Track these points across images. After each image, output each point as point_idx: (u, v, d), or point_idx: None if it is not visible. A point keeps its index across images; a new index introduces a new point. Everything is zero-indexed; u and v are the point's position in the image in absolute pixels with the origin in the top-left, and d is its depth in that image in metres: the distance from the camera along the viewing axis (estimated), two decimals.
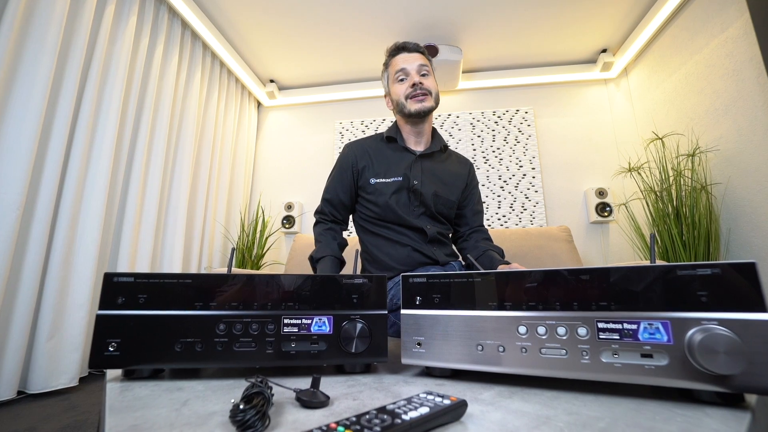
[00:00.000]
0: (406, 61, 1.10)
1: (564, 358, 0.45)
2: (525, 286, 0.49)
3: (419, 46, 1.13)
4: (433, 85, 1.11)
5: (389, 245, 1.08)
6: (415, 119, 1.10)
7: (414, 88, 1.07)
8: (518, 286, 0.49)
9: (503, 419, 0.37)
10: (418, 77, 1.08)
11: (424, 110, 1.07)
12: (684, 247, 1.97)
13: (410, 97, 1.08)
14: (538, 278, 0.48)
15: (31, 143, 1.41)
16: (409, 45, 1.12)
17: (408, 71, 1.09)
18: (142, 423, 0.36)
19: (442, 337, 0.52)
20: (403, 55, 1.11)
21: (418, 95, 1.07)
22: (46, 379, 1.42)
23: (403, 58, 1.11)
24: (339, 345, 0.53)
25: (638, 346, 0.42)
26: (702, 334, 0.38)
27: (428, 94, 1.08)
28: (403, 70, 1.09)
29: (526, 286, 0.49)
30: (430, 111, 1.09)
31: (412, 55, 1.10)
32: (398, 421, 0.31)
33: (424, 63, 1.10)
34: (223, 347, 0.51)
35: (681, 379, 0.39)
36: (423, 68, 1.10)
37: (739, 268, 0.39)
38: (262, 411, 0.34)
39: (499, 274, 0.51)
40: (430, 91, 1.08)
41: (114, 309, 0.51)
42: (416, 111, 1.07)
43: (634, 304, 0.43)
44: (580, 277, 0.46)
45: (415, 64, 1.09)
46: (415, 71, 1.09)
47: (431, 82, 1.10)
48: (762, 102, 1.75)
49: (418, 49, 1.12)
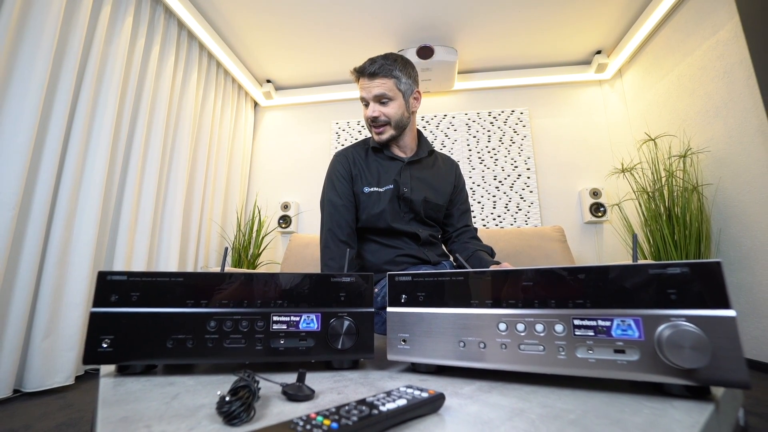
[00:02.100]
0: (364, 88, 1.06)
1: (542, 353, 0.47)
2: (505, 285, 0.51)
3: (381, 68, 1.04)
4: (393, 111, 1.06)
5: (382, 249, 1.09)
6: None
7: (372, 120, 1.07)
8: (498, 285, 0.51)
9: (479, 412, 0.38)
10: (375, 108, 1.05)
11: (382, 141, 1.09)
12: (675, 246, 2.00)
13: (371, 127, 1.09)
14: (518, 277, 0.50)
15: (27, 142, 1.42)
16: (367, 70, 1.04)
17: (366, 99, 1.07)
18: (132, 415, 0.37)
19: (427, 334, 0.54)
20: (362, 80, 1.06)
21: (375, 127, 1.08)
22: (41, 377, 1.43)
23: (362, 84, 1.07)
24: (327, 342, 0.54)
25: (611, 342, 0.43)
26: (670, 330, 0.40)
27: (386, 124, 1.07)
28: (363, 98, 1.08)
29: (506, 285, 0.51)
30: (390, 140, 1.10)
31: (372, 83, 1.04)
32: (375, 412, 0.32)
33: (384, 90, 1.04)
34: (214, 344, 0.53)
35: (651, 374, 0.41)
36: (382, 96, 1.04)
37: (706, 268, 0.41)
38: (247, 403, 0.35)
39: (481, 274, 0.53)
40: (388, 121, 1.06)
41: (107, 306, 0.52)
42: (377, 141, 1.10)
43: (608, 301, 0.45)
44: (558, 277, 0.48)
45: (371, 94, 1.04)
46: (372, 100, 1.06)
47: (391, 109, 1.05)
48: (752, 104, 1.78)
49: (378, 73, 1.04)
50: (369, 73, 1.04)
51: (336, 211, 1.06)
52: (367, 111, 1.06)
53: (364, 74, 1.05)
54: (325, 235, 1.06)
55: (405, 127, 1.10)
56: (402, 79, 1.06)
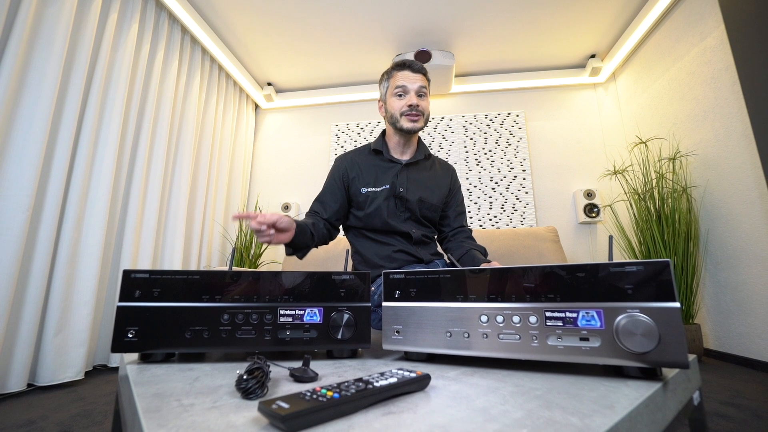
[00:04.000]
0: (408, 79, 1.16)
1: (518, 342, 0.53)
2: (487, 282, 0.57)
3: (423, 68, 1.19)
4: (427, 106, 1.19)
5: (378, 246, 1.17)
6: (405, 134, 1.19)
7: (410, 108, 1.15)
8: (481, 281, 0.57)
9: (460, 390, 0.44)
10: (416, 99, 1.15)
11: (415, 130, 1.17)
12: (665, 246, 2.06)
13: (405, 115, 1.16)
14: (498, 275, 0.56)
15: (38, 147, 1.48)
16: (415, 65, 1.17)
17: (408, 89, 1.16)
18: (163, 392, 0.43)
19: (418, 326, 0.60)
20: (406, 72, 1.17)
21: (412, 115, 1.15)
22: (53, 372, 1.49)
23: (405, 76, 1.16)
24: (328, 333, 0.61)
25: (577, 331, 0.50)
26: (626, 320, 0.46)
27: (421, 115, 1.16)
28: (403, 87, 1.16)
29: (488, 281, 0.57)
30: (419, 130, 1.19)
31: (416, 76, 1.16)
32: (370, 387, 0.38)
33: (424, 85, 1.17)
34: (227, 334, 0.59)
35: (610, 357, 0.47)
36: (422, 90, 1.16)
37: (657, 266, 0.47)
38: (261, 381, 0.41)
39: (466, 272, 0.59)
40: (423, 112, 1.17)
41: (132, 301, 0.59)
42: (408, 129, 1.17)
43: (576, 296, 0.51)
44: (533, 274, 0.54)
45: (416, 85, 1.15)
46: (414, 91, 1.15)
47: (426, 104, 1.18)
48: (736, 109, 1.84)
49: (421, 71, 1.18)
50: (416, 68, 1.17)
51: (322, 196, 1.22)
52: (408, 99, 1.15)
53: (411, 68, 1.17)
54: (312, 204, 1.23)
55: (426, 126, 1.19)
56: (430, 85, 1.21)
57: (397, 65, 1.19)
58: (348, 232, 1.26)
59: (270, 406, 0.32)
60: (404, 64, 1.18)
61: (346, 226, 1.26)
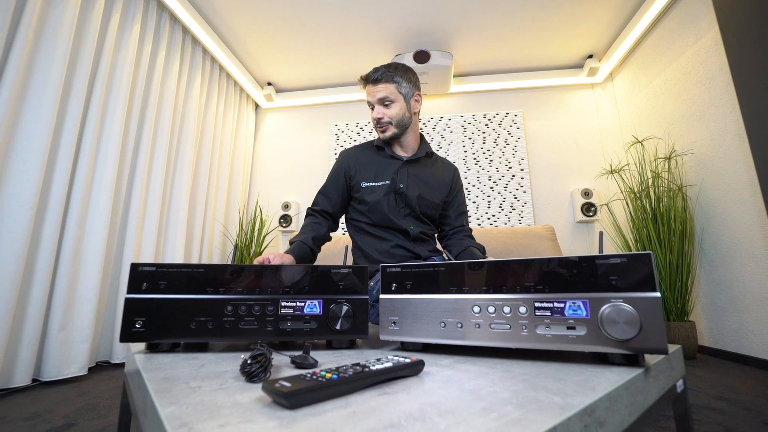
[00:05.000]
0: (370, 93, 1.19)
1: (508, 331, 0.55)
2: (479, 274, 0.59)
3: (384, 74, 1.17)
4: (396, 112, 1.18)
5: (377, 241, 1.20)
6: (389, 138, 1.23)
7: (376, 121, 1.20)
8: (473, 274, 0.60)
9: (452, 375, 0.47)
10: (381, 109, 1.18)
11: (386, 138, 1.22)
12: (660, 245, 2.09)
13: (375, 127, 1.22)
14: (489, 268, 0.59)
15: (43, 147, 1.50)
16: (371, 77, 1.17)
17: (371, 103, 1.20)
18: (171, 377, 0.46)
19: (413, 317, 0.63)
20: (368, 86, 1.19)
21: (379, 127, 1.21)
22: (58, 367, 1.52)
23: (368, 90, 1.19)
24: (327, 324, 0.63)
25: (564, 320, 0.52)
26: (610, 309, 0.49)
27: (389, 124, 1.19)
28: (368, 102, 1.21)
29: (480, 274, 0.59)
30: (393, 138, 1.22)
31: (376, 87, 1.17)
32: (367, 370, 0.41)
33: (386, 93, 1.16)
34: (231, 325, 0.61)
35: (595, 345, 0.50)
36: (386, 99, 1.17)
37: (639, 258, 0.50)
38: (264, 365, 0.44)
39: (459, 265, 0.62)
40: (390, 121, 1.19)
41: (139, 293, 0.61)
42: (382, 139, 1.23)
43: (563, 287, 0.53)
44: (523, 267, 0.57)
45: (376, 98, 1.17)
46: (377, 103, 1.18)
47: (393, 110, 1.18)
48: (730, 109, 1.87)
49: (381, 79, 1.17)
50: (373, 80, 1.18)
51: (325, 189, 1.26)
52: (374, 113, 1.20)
53: (368, 81, 1.19)
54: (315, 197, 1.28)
55: (407, 126, 1.22)
56: (402, 83, 1.18)
57: (362, 81, 1.21)
58: (349, 225, 1.29)
59: (273, 385, 0.35)
60: (364, 78, 1.20)
61: (348, 219, 1.29)
